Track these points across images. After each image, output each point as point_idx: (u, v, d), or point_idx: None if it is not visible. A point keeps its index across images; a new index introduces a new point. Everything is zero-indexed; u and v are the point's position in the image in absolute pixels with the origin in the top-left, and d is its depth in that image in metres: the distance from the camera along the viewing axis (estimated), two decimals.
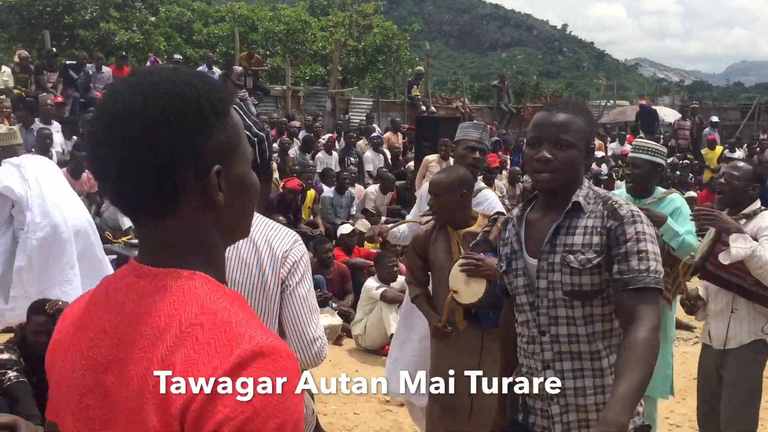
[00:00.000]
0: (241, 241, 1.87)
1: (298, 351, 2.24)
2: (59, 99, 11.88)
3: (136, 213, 1.12)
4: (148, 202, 1.09)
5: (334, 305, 6.96)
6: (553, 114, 2.28)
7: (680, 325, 7.67)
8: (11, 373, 3.97)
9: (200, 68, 14.78)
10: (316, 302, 2.34)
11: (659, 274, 2.17)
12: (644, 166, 4.06)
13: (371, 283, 6.80)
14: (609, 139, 18.29)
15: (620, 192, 4.32)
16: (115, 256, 7.40)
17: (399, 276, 6.78)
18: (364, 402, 5.18)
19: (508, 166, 13.99)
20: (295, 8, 26.16)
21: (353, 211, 10.22)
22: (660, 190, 4.13)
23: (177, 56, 15.08)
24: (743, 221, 3.70)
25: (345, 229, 8.52)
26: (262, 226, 2.25)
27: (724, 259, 3.54)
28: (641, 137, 16.91)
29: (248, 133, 1.96)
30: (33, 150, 8.94)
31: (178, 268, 1.09)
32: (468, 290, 3.43)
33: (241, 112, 1.95)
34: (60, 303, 4.18)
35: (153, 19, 21.54)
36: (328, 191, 10.27)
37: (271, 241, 2.23)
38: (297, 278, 2.24)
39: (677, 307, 4.24)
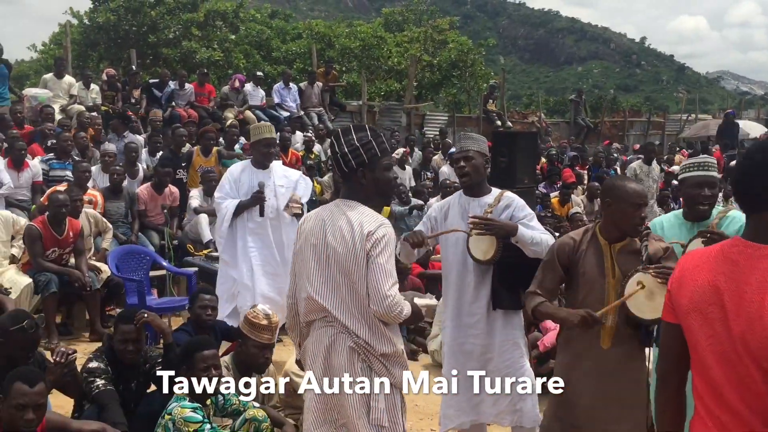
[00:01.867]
0: (343, 221, 3.00)
1: (374, 304, 2.92)
2: (143, 115, 12.26)
3: (762, 209, 1.90)
4: None
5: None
6: None
7: None
8: (99, 381, 4.09)
9: (277, 85, 15.07)
10: (394, 270, 3.00)
11: None
12: (718, 185, 3.87)
13: None
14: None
15: (664, 219, 4.05)
16: (196, 269, 7.51)
17: None
18: None
19: (586, 182, 13.72)
20: (371, 24, 26.39)
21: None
22: (717, 208, 3.89)
23: (259, 73, 15.37)
24: None
25: None
26: (358, 212, 3.02)
27: None
28: (726, 152, 16.39)
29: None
30: (120, 164, 9.22)
31: None
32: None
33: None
34: (146, 314, 4.28)
35: (233, 37, 22.04)
36: (395, 205, 10.31)
37: (362, 223, 2.98)
38: (377, 251, 2.95)
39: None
